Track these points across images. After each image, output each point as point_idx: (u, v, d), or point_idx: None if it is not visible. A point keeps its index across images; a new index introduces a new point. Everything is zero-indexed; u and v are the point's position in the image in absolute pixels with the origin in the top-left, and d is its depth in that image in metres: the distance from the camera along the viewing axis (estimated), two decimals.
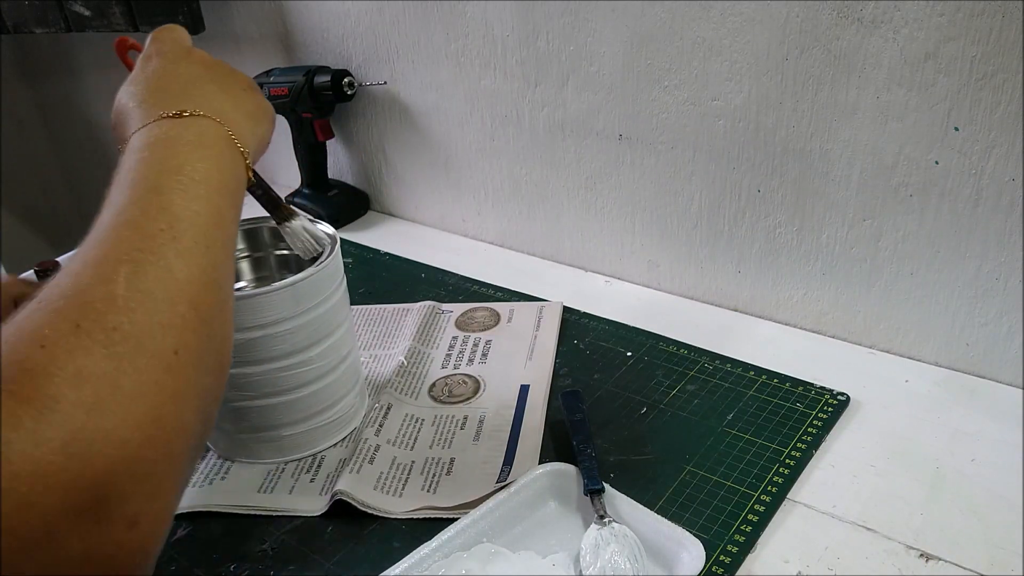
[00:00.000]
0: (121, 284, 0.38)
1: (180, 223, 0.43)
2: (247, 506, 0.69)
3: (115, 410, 0.34)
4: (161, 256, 0.41)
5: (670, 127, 0.86)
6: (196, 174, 0.47)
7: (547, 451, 0.72)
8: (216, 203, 0.47)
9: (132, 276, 0.39)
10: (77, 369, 0.34)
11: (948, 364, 0.79)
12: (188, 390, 0.39)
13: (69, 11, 1.26)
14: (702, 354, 0.83)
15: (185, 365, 0.39)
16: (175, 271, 0.41)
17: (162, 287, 0.40)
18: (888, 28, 0.69)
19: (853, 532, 0.62)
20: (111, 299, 0.38)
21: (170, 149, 0.48)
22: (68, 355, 0.34)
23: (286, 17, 1.14)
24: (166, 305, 0.39)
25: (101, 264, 0.40)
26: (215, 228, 0.46)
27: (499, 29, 0.93)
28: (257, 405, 0.70)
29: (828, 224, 0.80)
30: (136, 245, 0.41)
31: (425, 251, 1.07)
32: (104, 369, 0.35)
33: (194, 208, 0.45)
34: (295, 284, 0.66)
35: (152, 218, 0.43)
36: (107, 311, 0.37)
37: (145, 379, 0.36)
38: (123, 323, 0.37)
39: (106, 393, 0.34)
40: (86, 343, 0.35)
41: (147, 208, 0.43)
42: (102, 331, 0.36)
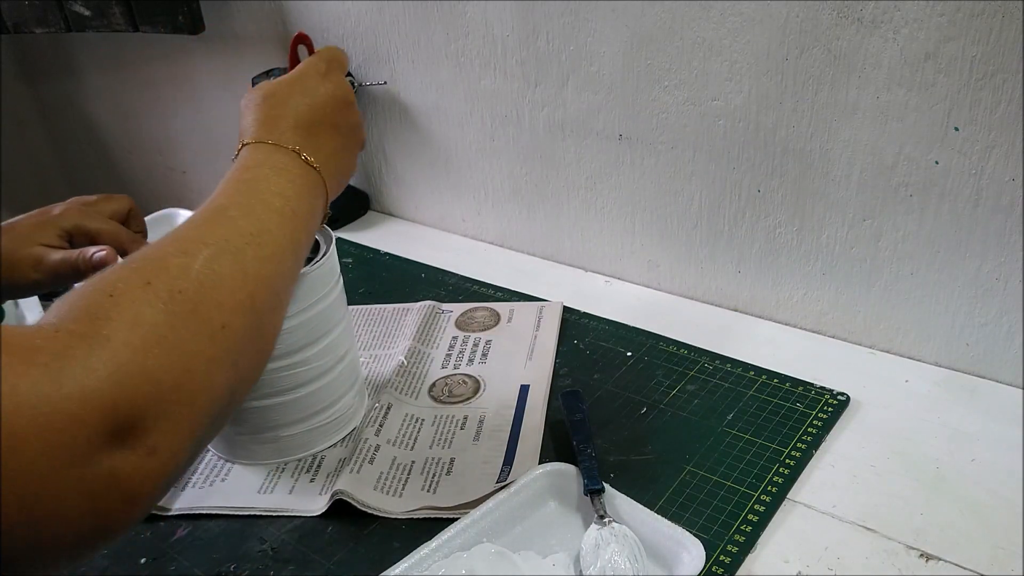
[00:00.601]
0: (200, 260, 0.45)
1: (267, 235, 0.50)
2: (247, 507, 0.69)
3: (157, 356, 0.40)
4: (241, 252, 0.48)
5: (670, 127, 0.86)
6: (299, 209, 0.54)
7: (547, 451, 0.72)
8: (299, 234, 0.55)
9: (211, 257, 0.46)
10: (135, 316, 0.40)
11: (948, 364, 0.79)
12: (223, 359, 0.44)
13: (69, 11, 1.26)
14: (702, 354, 0.83)
15: (227, 339, 0.44)
16: (247, 267, 0.48)
17: (231, 273, 0.46)
18: (888, 28, 0.69)
19: (853, 532, 0.62)
20: (186, 269, 0.44)
21: (289, 182, 0.55)
22: (131, 304, 0.41)
23: (286, 17, 1.14)
24: (229, 289, 0.45)
25: (191, 242, 0.46)
26: (291, 250, 0.53)
27: (499, 29, 0.93)
28: (256, 406, 0.70)
29: (828, 224, 0.80)
30: (225, 236, 0.48)
31: (425, 251, 1.07)
32: (157, 320, 0.41)
33: (284, 231, 0.52)
34: None
35: (248, 223, 0.50)
36: (179, 276, 0.43)
37: (189, 339, 0.42)
38: (188, 289, 0.43)
39: (153, 340, 0.40)
40: (150, 297, 0.41)
41: (248, 213, 0.51)
42: (167, 291, 0.42)
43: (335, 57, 0.64)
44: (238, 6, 1.19)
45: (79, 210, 0.68)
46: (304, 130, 0.59)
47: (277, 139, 0.57)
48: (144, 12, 1.20)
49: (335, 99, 0.61)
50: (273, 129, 0.58)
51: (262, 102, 0.59)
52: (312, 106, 0.60)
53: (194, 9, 1.18)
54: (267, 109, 0.59)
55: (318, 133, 0.59)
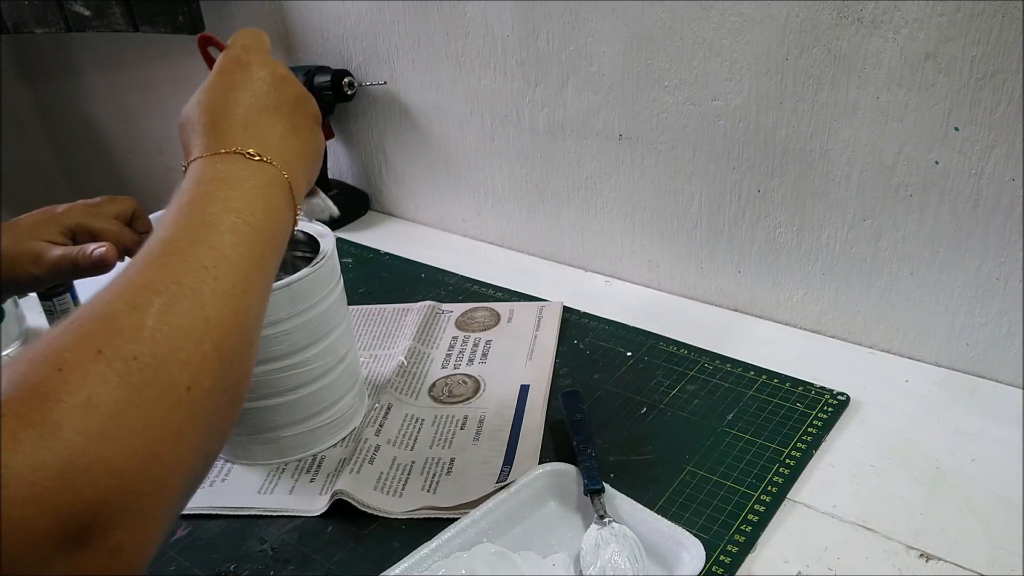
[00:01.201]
0: (152, 315, 0.39)
1: (225, 264, 0.44)
2: (247, 507, 0.69)
3: (116, 441, 0.35)
4: (197, 292, 0.42)
5: (670, 127, 0.86)
6: (253, 219, 0.47)
7: (547, 451, 0.72)
8: (263, 251, 0.48)
9: (165, 308, 0.40)
10: (88, 396, 0.35)
11: (948, 364, 0.79)
12: (193, 427, 0.39)
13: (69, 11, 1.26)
14: (702, 354, 0.83)
15: (195, 403, 0.39)
16: (207, 310, 0.42)
17: (190, 323, 0.40)
18: (888, 28, 0.69)
19: (853, 532, 0.62)
20: (139, 328, 0.38)
21: (234, 190, 0.49)
22: (83, 381, 0.35)
23: (286, 17, 1.14)
24: (190, 342, 0.40)
25: (139, 291, 0.40)
26: (256, 274, 0.47)
27: (499, 29, 0.93)
28: (256, 407, 0.70)
29: (828, 224, 0.80)
30: (176, 277, 0.42)
31: (425, 251, 1.07)
32: (114, 398, 0.36)
33: (241, 252, 0.46)
34: (291, 284, 0.66)
35: (200, 254, 0.44)
36: (132, 339, 0.38)
37: (152, 412, 0.37)
38: (144, 354, 0.37)
39: (111, 424, 0.35)
40: (104, 371, 0.36)
41: (197, 242, 0.44)
42: (121, 360, 0.37)
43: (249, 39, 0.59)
44: (238, 6, 1.19)
45: (82, 209, 0.66)
46: (243, 125, 0.53)
47: (219, 146, 0.51)
48: (144, 12, 1.20)
49: (266, 80, 0.56)
50: (214, 137, 0.52)
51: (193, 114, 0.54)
52: (244, 97, 0.54)
53: (194, 9, 1.18)
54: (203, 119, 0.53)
55: (258, 122, 0.54)
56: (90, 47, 1.47)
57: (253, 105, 0.54)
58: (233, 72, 0.56)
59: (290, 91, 0.57)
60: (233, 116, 0.53)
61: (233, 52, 0.57)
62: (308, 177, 0.57)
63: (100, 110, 1.56)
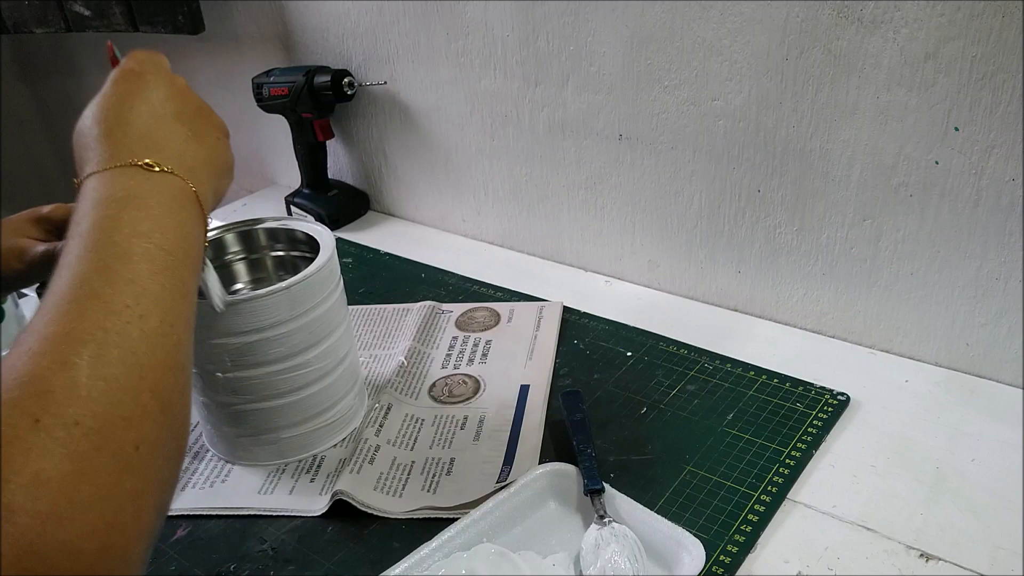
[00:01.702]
0: (84, 369, 0.36)
1: (146, 298, 0.41)
2: (247, 508, 0.69)
3: (72, 519, 0.33)
4: (126, 337, 0.39)
5: (670, 127, 0.86)
6: (165, 242, 0.44)
7: (547, 451, 0.72)
8: (181, 274, 0.45)
9: (95, 360, 0.37)
10: (35, 474, 0.32)
11: (948, 364, 0.79)
12: (148, 487, 0.37)
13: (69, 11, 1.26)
14: (702, 354, 0.83)
15: (145, 460, 0.37)
16: (139, 355, 0.39)
17: (126, 374, 0.38)
18: (888, 28, 0.69)
19: (853, 532, 0.62)
20: (73, 387, 0.35)
21: (140, 211, 0.45)
22: (26, 457, 0.33)
23: (286, 17, 1.14)
24: (129, 395, 0.37)
25: (63, 343, 0.37)
26: (180, 303, 0.44)
27: (499, 29, 0.93)
28: (256, 408, 0.70)
29: (828, 224, 0.80)
30: (100, 323, 0.38)
31: (425, 251, 1.07)
32: (63, 472, 0.33)
33: (160, 281, 0.43)
34: (291, 287, 0.66)
35: (118, 291, 0.40)
36: (68, 402, 0.35)
37: (104, 481, 0.35)
38: (85, 417, 0.35)
39: (63, 501, 0.33)
40: (45, 442, 0.33)
41: (113, 279, 0.41)
42: (63, 427, 0.34)
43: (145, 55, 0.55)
44: (238, 6, 1.19)
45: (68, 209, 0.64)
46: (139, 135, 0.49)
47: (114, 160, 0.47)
48: (144, 12, 1.20)
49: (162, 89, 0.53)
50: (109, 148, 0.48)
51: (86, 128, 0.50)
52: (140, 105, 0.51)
53: (194, 9, 1.18)
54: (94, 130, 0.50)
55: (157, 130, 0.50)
56: (90, 47, 1.47)
57: (149, 113, 0.51)
58: (128, 81, 0.53)
59: (191, 100, 0.55)
60: (128, 125, 0.50)
61: (127, 65, 0.54)
62: (216, 187, 0.53)
63: None
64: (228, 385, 0.68)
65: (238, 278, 0.79)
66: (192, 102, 0.55)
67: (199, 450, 0.75)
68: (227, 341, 0.66)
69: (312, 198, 1.17)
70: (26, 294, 0.96)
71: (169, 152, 0.49)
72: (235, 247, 0.78)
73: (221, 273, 0.78)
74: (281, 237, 0.78)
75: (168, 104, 0.53)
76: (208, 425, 0.74)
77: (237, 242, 0.78)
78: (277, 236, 0.78)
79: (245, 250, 0.79)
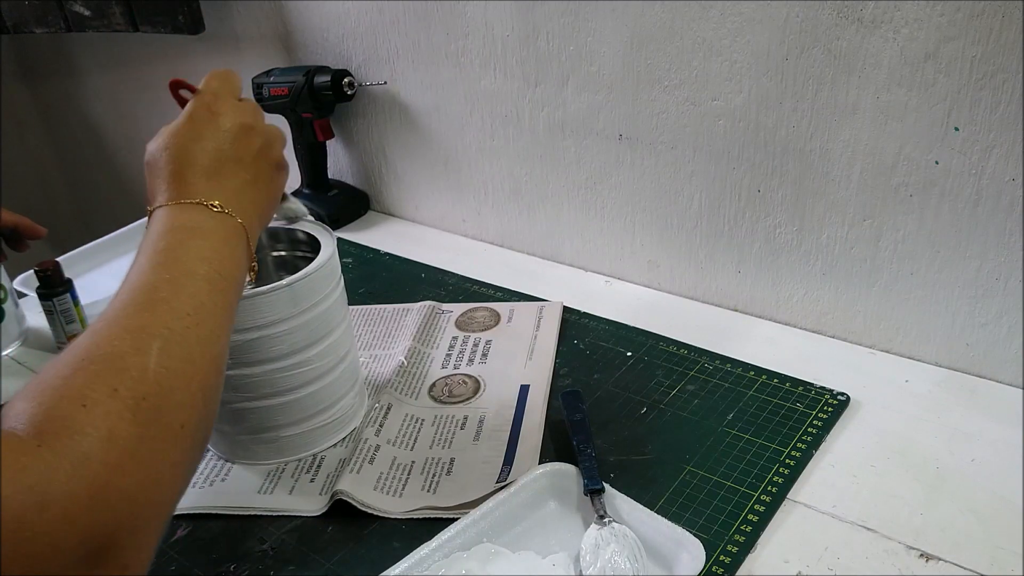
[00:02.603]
0: (153, 358, 0.44)
1: (202, 311, 0.49)
2: (247, 507, 0.69)
3: (131, 472, 0.40)
4: (186, 339, 0.47)
5: (670, 127, 0.86)
6: (222, 268, 0.52)
7: (547, 451, 0.72)
8: (231, 298, 0.53)
9: (161, 353, 0.45)
10: (110, 430, 0.40)
11: (948, 364, 0.79)
12: (184, 460, 0.45)
13: (69, 11, 1.26)
14: (702, 354, 0.83)
15: (186, 438, 0.44)
16: (193, 354, 0.47)
17: (182, 368, 0.46)
18: (888, 28, 0.69)
19: (853, 532, 0.62)
20: (144, 370, 0.43)
21: (204, 240, 0.53)
22: (104, 417, 0.40)
23: (286, 17, 1.14)
24: (183, 384, 0.45)
25: (138, 335, 0.45)
26: (227, 320, 0.52)
27: (499, 29, 0.93)
28: (256, 406, 0.70)
29: (828, 224, 0.80)
30: (167, 323, 0.47)
31: (425, 251, 1.07)
32: (129, 433, 0.40)
33: (214, 299, 0.51)
34: (292, 284, 0.66)
35: (183, 301, 0.49)
36: (140, 380, 0.43)
37: (156, 447, 0.42)
38: (151, 394, 0.43)
39: (127, 456, 0.40)
40: (120, 408, 0.41)
41: (178, 291, 0.49)
42: (133, 399, 0.42)
43: (221, 85, 0.62)
44: (238, 6, 1.19)
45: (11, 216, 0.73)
46: (206, 176, 0.57)
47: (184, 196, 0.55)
48: (144, 12, 1.20)
49: (231, 132, 0.59)
50: (179, 186, 0.56)
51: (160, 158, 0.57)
52: (208, 147, 0.58)
53: (194, 9, 1.18)
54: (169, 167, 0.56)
55: (221, 173, 0.57)
56: (90, 47, 1.47)
57: (217, 156, 0.58)
58: (202, 120, 0.59)
59: (254, 142, 0.61)
60: (198, 166, 0.57)
61: (204, 99, 0.60)
62: (263, 224, 0.62)
63: (100, 110, 1.55)
64: (228, 382, 0.68)
65: None
66: (255, 142, 0.61)
67: None
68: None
69: (312, 198, 1.17)
70: (26, 294, 0.96)
71: (229, 195, 0.57)
72: None
73: None
74: (282, 237, 0.78)
75: (235, 147, 0.59)
76: None
77: None
78: (278, 236, 0.78)
79: None
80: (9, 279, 0.94)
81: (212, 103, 0.60)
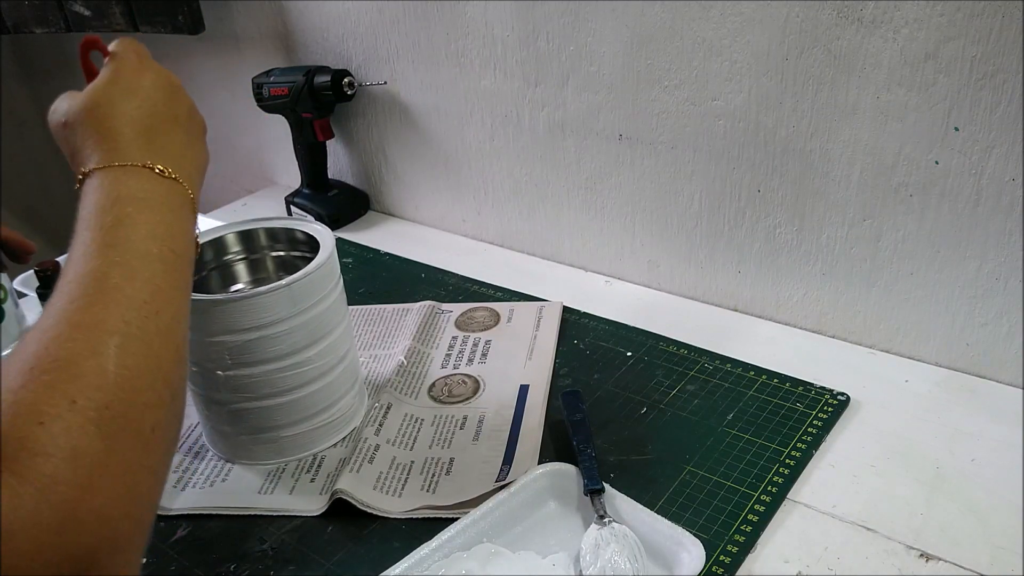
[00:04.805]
0: (111, 359, 0.40)
1: (160, 296, 0.45)
2: (247, 507, 0.69)
3: (103, 489, 0.37)
4: (145, 331, 0.43)
5: (670, 127, 0.86)
6: (175, 245, 0.48)
7: (547, 451, 0.72)
8: (185, 274, 0.49)
9: (120, 350, 0.41)
10: (73, 448, 0.36)
11: (948, 364, 0.79)
12: (158, 464, 0.42)
13: (69, 11, 1.26)
14: (702, 354, 0.82)
15: (159, 441, 0.41)
16: (156, 348, 0.43)
17: (144, 365, 0.42)
18: (888, 28, 0.69)
19: (853, 532, 0.62)
20: (103, 374, 0.39)
21: (155, 214, 0.48)
22: (65, 433, 0.36)
23: (286, 17, 1.14)
24: (148, 383, 0.41)
25: (92, 332, 0.41)
26: (184, 302, 0.48)
27: (499, 29, 0.93)
28: (256, 406, 0.70)
29: (828, 224, 0.80)
30: (123, 316, 0.42)
31: (425, 251, 1.07)
32: (95, 447, 0.37)
33: (170, 280, 0.47)
34: (292, 284, 0.66)
35: (138, 288, 0.44)
36: (100, 387, 0.39)
37: (128, 457, 0.39)
38: (113, 402, 0.39)
39: (97, 472, 0.37)
40: (81, 421, 0.37)
41: (132, 276, 0.44)
42: (95, 409, 0.38)
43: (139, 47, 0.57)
44: (238, 6, 1.19)
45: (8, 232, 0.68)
46: (145, 136, 0.51)
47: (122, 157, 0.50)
48: (144, 12, 1.20)
49: (162, 88, 0.54)
50: (115, 146, 0.50)
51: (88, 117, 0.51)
52: (144, 105, 0.53)
53: (194, 9, 1.18)
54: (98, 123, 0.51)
55: (160, 133, 0.52)
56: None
57: (152, 113, 0.53)
58: (130, 77, 0.54)
59: (183, 100, 0.57)
60: (133, 124, 0.52)
61: (128, 58, 0.55)
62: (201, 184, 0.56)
63: None
64: (228, 383, 0.68)
65: (239, 278, 0.79)
66: (185, 102, 0.57)
67: (199, 449, 0.75)
68: (227, 338, 0.66)
69: (312, 198, 1.17)
70: (26, 294, 0.96)
71: (172, 158, 0.52)
72: (235, 247, 0.78)
73: (222, 273, 0.78)
74: (281, 237, 0.78)
75: (168, 104, 0.55)
76: (208, 424, 0.74)
77: (237, 242, 0.78)
78: (277, 236, 0.78)
79: (245, 250, 0.79)
80: (9, 279, 0.94)
81: (137, 62, 0.55)
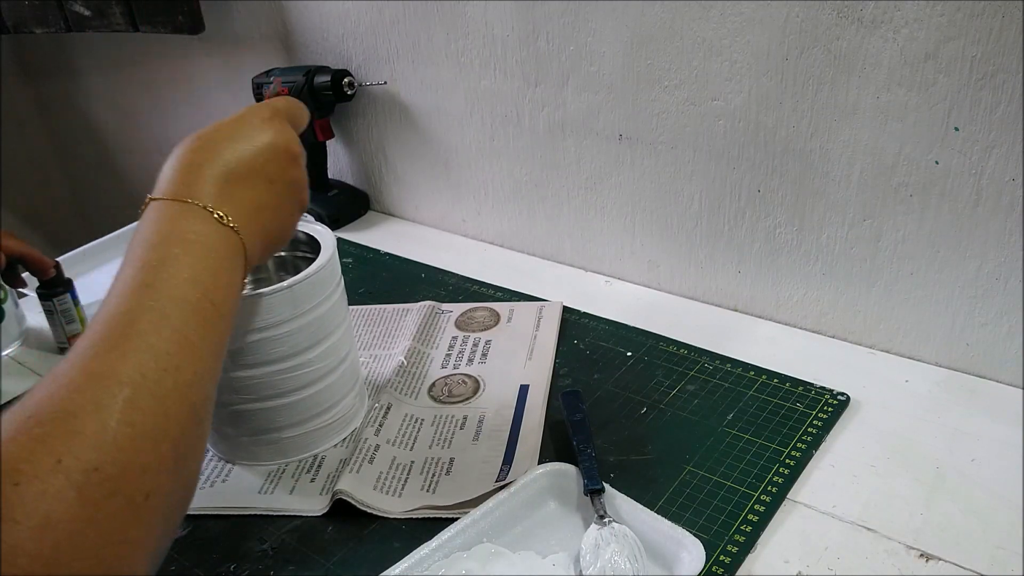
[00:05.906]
0: (115, 414, 0.37)
1: (186, 349, 0.42)
2: (248, 507, 0.69)
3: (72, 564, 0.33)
4: (160, 386, 0.39)
5: (670, 127, 0.86)
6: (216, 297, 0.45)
7: (547, 451, 0.72)
8: (221, 330, 0.46)
9: (127, 405, 0.37)
10: (45, 516, 0.33)
11: (948, 364, 0.79)
12: (151, 536, 0.37)
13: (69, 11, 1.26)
14: (702, 354, 0.83)
15: (153, 510, 0.37)
16: (168, 405, 0.39)
17: (152, 422, 0.38)
18: (888, 28, 0.69)
19: (853, 532, 0.62)
20: (102, 431, 0.36)
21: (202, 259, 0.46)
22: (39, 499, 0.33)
23: (286, 17, 1.14)
24: (151, 443, 0.38)
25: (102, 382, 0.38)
26: (213, 360, 0.45)
27: (499, 29, 0.93)
28: (257, 408, 0.70)
29: (828, 224, 0.80)
30: (140, 367, 0.39)
31: (425, 251, 1.07)
32: (72, 516, 0.33)
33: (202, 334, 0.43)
34: (293, 286, 0.66)
35: (164, 337, 0.41)
36: (95, 446, 0.35)
37: (111, 528, 0.35)
38: (105, 463, 0.35)
39: (67, 546, 0.33)
40: (61, 485, 0.34)
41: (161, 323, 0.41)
42: (81, 471, 0.34)
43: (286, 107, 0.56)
44: (238, 6, 1.19)
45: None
46: (224, 181, 0.49)
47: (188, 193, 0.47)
48: (144, 12, 1.20)
49: (273, 147, 0.52)
50: (189, 180, 0.48)
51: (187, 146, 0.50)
52: (243, 155, 0.51)
53: (194, 9, 1.18)
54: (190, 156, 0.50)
55: (242, 185, 0.50)
56: (90, 47, 1.47)
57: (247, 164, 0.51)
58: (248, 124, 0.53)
59: (291, 171, 0.54)
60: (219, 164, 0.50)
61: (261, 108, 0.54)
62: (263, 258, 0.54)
63: (100, 110, 1.55)
64: (229, 385, 0.68)
65: None
66: (291, 172, 0.55)
67: None
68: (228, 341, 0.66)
69: (312, 198, 1.14)
70: (26, 294, 0.96)
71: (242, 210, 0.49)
72: None
73: None
74: None
75: (269, 164, 0.52)
76: None
77: None
78: None
79: None
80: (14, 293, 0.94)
81: (269, 114, 0.54)
